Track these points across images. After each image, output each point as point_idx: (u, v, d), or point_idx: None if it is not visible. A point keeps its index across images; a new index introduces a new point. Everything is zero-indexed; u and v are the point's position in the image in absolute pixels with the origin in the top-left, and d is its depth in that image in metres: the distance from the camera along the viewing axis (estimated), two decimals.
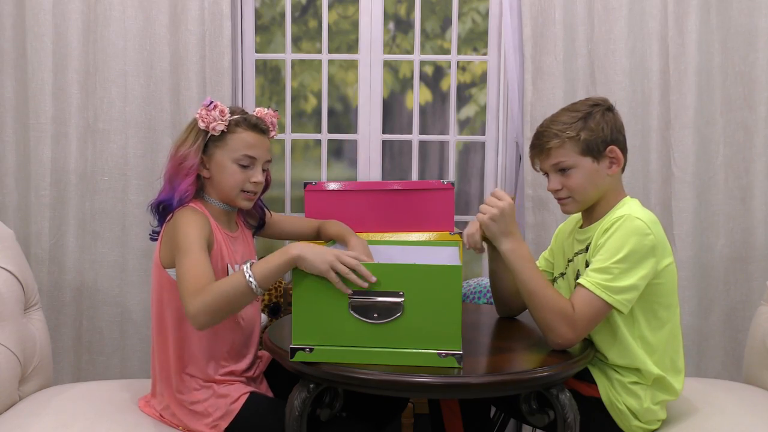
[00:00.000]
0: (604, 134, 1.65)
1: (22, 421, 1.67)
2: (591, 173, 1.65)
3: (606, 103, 1.69)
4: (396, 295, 1.41)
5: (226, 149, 1.68)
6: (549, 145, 1.65)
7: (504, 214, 1.62)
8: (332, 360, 1.41)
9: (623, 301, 1.54)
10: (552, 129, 1.65)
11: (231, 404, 1.64)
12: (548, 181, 1.71)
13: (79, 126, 2.44)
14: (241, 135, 1.69)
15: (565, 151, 1.64)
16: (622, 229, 1.56)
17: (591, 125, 1.64)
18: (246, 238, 1.85)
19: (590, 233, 1.68)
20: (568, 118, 1.65)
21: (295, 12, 2.77)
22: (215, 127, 1.66)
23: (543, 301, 1.56)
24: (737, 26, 2.50)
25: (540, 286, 1.58)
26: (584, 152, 1.64)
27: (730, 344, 2.55)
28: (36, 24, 2.40)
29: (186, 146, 1.69)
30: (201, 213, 1.66)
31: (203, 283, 1.47)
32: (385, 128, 2.74)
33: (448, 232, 2.40)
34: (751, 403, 1.84)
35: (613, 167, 1.66)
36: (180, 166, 1.68)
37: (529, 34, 2.49)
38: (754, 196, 2.51)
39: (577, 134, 1.63)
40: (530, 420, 1.55)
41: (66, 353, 2.47)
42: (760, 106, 2.50)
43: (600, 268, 1.55)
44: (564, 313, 1.54)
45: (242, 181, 1.69)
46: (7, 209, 2.44)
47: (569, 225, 1.85)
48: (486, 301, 2.34)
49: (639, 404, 1.61)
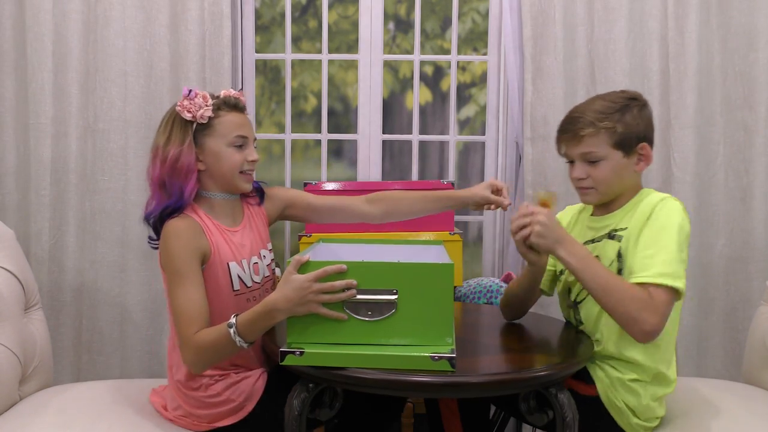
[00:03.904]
0: (639, 130, 1.62)
1: (22, 422, 1.67)
2: (619, 167, 1.63)
3: (642, 99, 1.67)
4: (389, 293, 1.42)
5: (217, 135, 1.63)
6: (583, 133, 1.61)
7: (544, 225, 1.56)
8: (322, 364, 1.41)
9: (683, 286, 1.52)
10: (588, 116, 1.61)
11: (254, 384, 1.63)
12: (572, 169, 1.67)
13: (79, 126, 2.45)
14: (227, 117, 1.64)
15: (598, 141, 1.61)
16: (665, 212, 1.55)
17: (627, 119, 1.61)
18: (255, 224, 1.76)
19: (610, 221, 1.66)
20: (605, 108, 1.62)
21: (295, 12, 2.77)
22: (203, 114, 1.60)
23: (620, 294, 1.50)
24: (737, 26, 2.50)
25: (612, 282, 1.52)
26: (617, 145, 1.61)
27: (730, 344, 2.55)
28: (36, 24, 2.40)
29: (174, 144, 1.60)
30: (188, 223, 1.58)
31: (196, 324, 1.50)
32: (385, 128, 2.74)
33: (448, 232, 2.41)
34: (751, 403, 1.84)
35: (641, 164, 1.65)
36: (175, 168, 1.59)
37: (529, 34, 2.49)
38: (754, 196, 2.52)
39: (613, 126, 1.60)
40: (529, 419, 1.55)
41: (66, 353, 2.47)
42: (760, 106, 2.50)
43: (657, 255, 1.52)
44: (644, 301, 1.48)
45: (240, 162, 1.64)
46: (7, 209, 2.44)
47: (572, 213, 1.84)
48: (486, 301, 2.34)
49: (638, 401, 1.61)
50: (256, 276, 1.70)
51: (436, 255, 1.71)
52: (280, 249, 2.69)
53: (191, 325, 1.50)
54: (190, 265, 1.54)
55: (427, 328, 1.42)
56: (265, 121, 2.85)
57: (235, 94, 1.68)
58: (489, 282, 2.40)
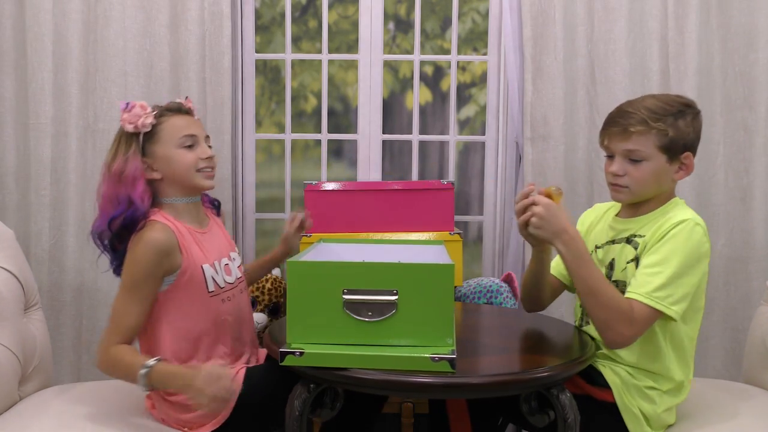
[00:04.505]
0: (688, 138, 1.59)
1: (22, 422, 1.67)
2: (660, 171, 1.60)
3: (696, 108, 1.64)
4: (390, 294, 1.42)
5: (163, 140, 1.64)
6: (633, 129, 1.57)
7: (543, 216, 1.56)
8: (322, 364, 1.41)
9: (678, 310, 1.52)
10: (641, 113, 1.58)
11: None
12: (610, 163, 1.64)
13: (79, 126, 2.45)
14: (170, 121, 1.66)
15: (646, 140, 1.57)
16: (684, 235, 1.53)
17: (680, 125, 1.58)
18: (220, 227, 1.83)
19: (633, 225, 1.65)
20: (660, 110, 1.58)
21: (295, 12, 2.77)
22: (144, 122, 1.62)
23: (602, 299, 1.51)
24: (737, 26, 2.50)
25: (599, 285, 1.53)
26: (663, 149, 1.58)
27: (730, 344, 2.55)
28: (36, 24, 2.40)
29: (119, 158, 1.63)
30: (166, 236, 1.59)
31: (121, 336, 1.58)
32: (385, 128, 2.74)
33: (448, 232, 2.40)
34: (751, 403, 1.84)
35: (681, 173, 1.62)
36: (120, 179, 1.61)
37: (529, 34, 2.49)
38: (754, 196, 2.52)
39: (666, 129, 1.57)
40: (530, 420, 1.54)
41: (66, 353, 2.47)
42: (760, 106, 2.50)
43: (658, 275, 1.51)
44: (623, 313, 1.50)
45: (194, 160, 1.65)
46: (7, 209, 2.44)
47: (599, 212, 1.82)
48: (486, 301, 2.34)
49: (653, 409, 1.60)
50: (228, 277, 1.73)
51: (436, 255, 1.71)
52: None
53: (116, 334, 1.58)
54: (146, 282, 1.58)
55: (428, 328, 1.42)
56: (265, 121, 2.84)
57: (179, 100, 1.73)
58: (489, 282, 2.39)
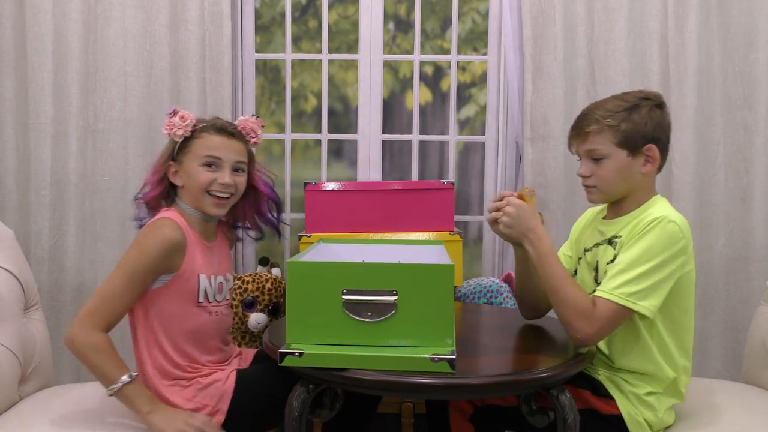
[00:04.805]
0: (646, 130, 1.60)
1: (22, 422, 1.67)
2: (623, 167, 1.61)
3: (657, 99, 1.64)
4: (389, 294, 1.42)
5: (191, 154, 1.68)
6: (588, 130, 1.61)
7: (513, 216, 1.60)
8: (322, 365, 1.40)
9: (649, 306, 1.52)
10: (594, 114, 1.61)
11: (223, 385, 1.64)
12: (580, 166, 1.67)
13: (79, 126, 2.45)
14: (204, 138, 1.69)
15: (601, 139, 1.60)
16: (656, 231, 1.53)
17: (635, 118, 1.59)
18: (225, 247, 1.84)
19: (615, 226, 1.66)
20: (614, 106, 1.61)
21: (295, 12, 2.77)
22: (176, 132, 1.68)
23: (563, 297, 1.54)
24: (737, 26, 2.50)
25: (561, 283, 1.55)
26: (621, 144, 1.59)
27: (730, 344, 2.55)
28: (36, 24, 2.40)
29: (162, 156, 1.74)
30: (177, 236, 1.62)
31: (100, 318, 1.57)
32: (385, 128, 2.74)
33: (448, 232, 2.40)
34: (751, 403, 1.84)
35: (648, 166, 1.62)
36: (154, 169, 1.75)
37: (529, 34, 2.49)
38: (754, 196, 2.52)
39: (618, 124, 1.58)
40: (530, 421, 1.54)
41: (66, 353, 2.45)
42: (760, 106, 2.50)
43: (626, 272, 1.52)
44: (584, 312, 1.51)
45: (208, 181, 1.67)
46: (7, 209, 2.44)
47: (589, 216, 1.83)
48: (486, 301, 2.34)
49: (655, 416, 1.61)
50: (219, 295, 1.74)
51: (436, 255, 1.71)
52: (280, 249, 2.69)
53: (100, 316, 1.57)
54: (146, 273, 1.60)
55: (427, 329, 1.42)
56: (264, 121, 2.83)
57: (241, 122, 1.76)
58: (489, 282, 2.39)
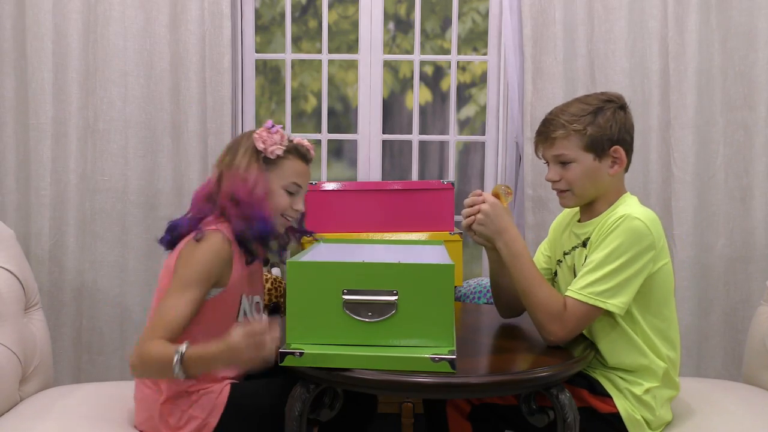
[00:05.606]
0: (611, 133, 1.61)
1: (23, 423, 1.67)
2: (591, 170, 1.63)
3: (620, 101, 1.66)
4: (390, 294, 1.42)
5: (277, 174, 1.68)
6: (554, 135, 1.62)
7: (488, 214, 1.61)
8: (322, 365, 1.40)
9: (618, 303, 1.53)
10: (560, 119, 1.62)
11: (216, 398, 1.62)
12: (548, 171, 1.68)
13: (79, 126, 2.44)
14: (292, 162, 1.70)
15: (568, 144, 1.61)
16: (620, 229, 1.54)
17: (600, 121, 1.61)
18: (259, 267, 1.81)
19: (588, 228, 1.67)
20: (578, 110, 1.62)
21: (295, 12, 2.77)
22: (274, 151, 1.66)
23: (535, 300, 1.57)
24: (737, 26, 2.50)
25: (532, 284, 1.57)
26: (588, 148, 1.61)
27: (730, 344, 2.55)
28: (36, 24, 2.40)
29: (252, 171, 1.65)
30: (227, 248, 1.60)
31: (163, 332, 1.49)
32: (385, 128, 2.74)
33: (448, 232, 2.40)
34: (751, 403, 1.84)
35: (615, 167, 1.64)
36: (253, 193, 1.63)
37: (529, 34, 2.49)
38: (754, 196, 2.52)
39: (584, 128, 1.60)
40: (530, 420, 1.54)
41: (66, 353, 2.47)
42: (760, 106, 2.50)
43: (594, 271, 1.54)
44: (554, 313, 1.54)
45: (286, 206, 1.69)
46: (7, 209, 2.44)
47: (566, 218, 1.83)
48: (486, 301, 2.34)
49: (652, 414, 1.61)
50: (255, 316, 1.73)
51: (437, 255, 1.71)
52: None
53: (158, 329, 1.50)
54: (201, 283, 1.56)
55: (428, 329, 1.42)
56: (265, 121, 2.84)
57: (308, 146, 1.76)
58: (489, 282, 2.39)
